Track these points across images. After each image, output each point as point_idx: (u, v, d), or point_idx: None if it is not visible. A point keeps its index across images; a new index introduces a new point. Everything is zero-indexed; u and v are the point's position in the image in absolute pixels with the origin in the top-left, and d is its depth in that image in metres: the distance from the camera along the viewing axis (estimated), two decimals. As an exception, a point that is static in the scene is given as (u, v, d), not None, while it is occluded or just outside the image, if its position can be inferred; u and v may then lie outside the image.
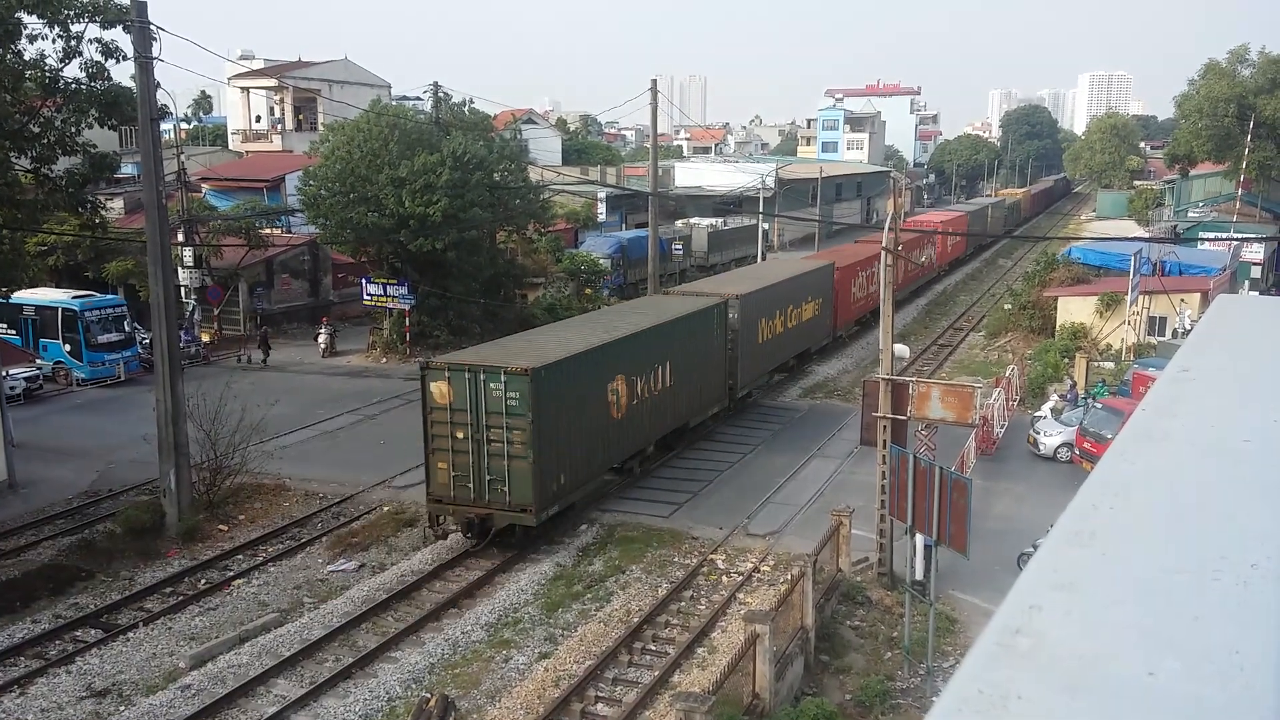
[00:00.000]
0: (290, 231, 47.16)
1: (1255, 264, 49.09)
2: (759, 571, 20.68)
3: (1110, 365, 35.32)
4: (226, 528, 23.35)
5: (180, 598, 19.87)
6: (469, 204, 37.18)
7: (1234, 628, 1.11)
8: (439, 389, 20.71)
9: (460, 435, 20.60)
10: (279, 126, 67.06)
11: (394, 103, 50.38)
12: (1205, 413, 1.91)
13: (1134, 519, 1.40)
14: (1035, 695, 0.97)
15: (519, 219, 42.46)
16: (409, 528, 23.26)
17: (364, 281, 39.49)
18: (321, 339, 39.94)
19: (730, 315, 29.56)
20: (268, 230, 44.70)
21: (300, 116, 67.25)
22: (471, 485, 20.72)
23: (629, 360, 23.75)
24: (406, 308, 38.80)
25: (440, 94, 42.48)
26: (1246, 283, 47.11)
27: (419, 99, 45.92)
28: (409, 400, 33.55)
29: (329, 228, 38.72)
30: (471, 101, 44.69)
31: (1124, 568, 1.25)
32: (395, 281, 38.48)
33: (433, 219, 36.01)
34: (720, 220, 65.11)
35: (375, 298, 39.12)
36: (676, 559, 21.34)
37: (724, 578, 20.60)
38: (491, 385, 20.25)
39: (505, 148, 42.28)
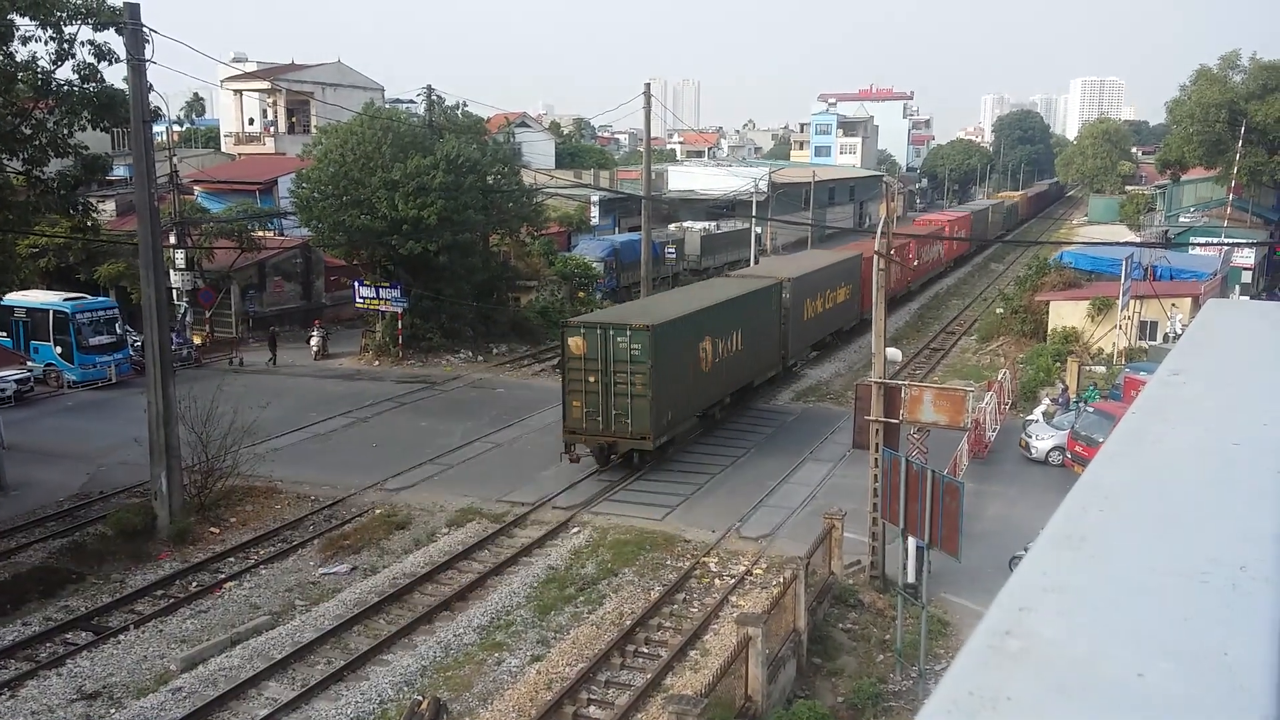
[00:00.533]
0: (283, 234, 47.08)
1: (1246, 269, 49.34)
2: (751, 574, 20.68)
3: (1102, 369, 35.42)
4: (218, 530, 23.29)
5: (171, 600, 19.81)
6: (462, 207, 37.15)
7: (1224, 629, 1.12)
8: (575, 342, 25.47)
9: (592, 379, 25.19)
10: (272, 129, 66.97)
11: (387, 105, 50.35)
12: (1195, 416, 1.92)
13: (1124, 522, 1.41)
14: (1025, 696, 0.98)
15: (512, 222, 42.44)
16: (401, 530, 23.23)
17: (356, 284, 39.44)
18: (314, 342, 39.83)
19: (784, 294, 34.29)
20: (260, 233, 44.61)
21: (293, 119, 67.17)
22: (600, 419, 25.28)
23: (714, 325, 28.45)
24: (399, 311, 38.75)
25: (434, 97, 42.47)
26: (1237, 287, 47.32)
27: (412, 102, 45.95)
28: (401, 403, 33.58)
29: (322, 230, 38.66)
30: (465, 105, 44.62)
31: (1114, 570, 1.25)
32: (388, 284, 38.43)
33: (426, 222, 35.98)
34: (713, 224, 65.16)
35: (368, 301, 39.07)
36: (669, 561, 21.34)
37: (716, 580, 20.61)
38: (618, 339, 25.04)
39: (499, 151, 42.26)
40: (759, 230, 67.53)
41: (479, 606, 19.34)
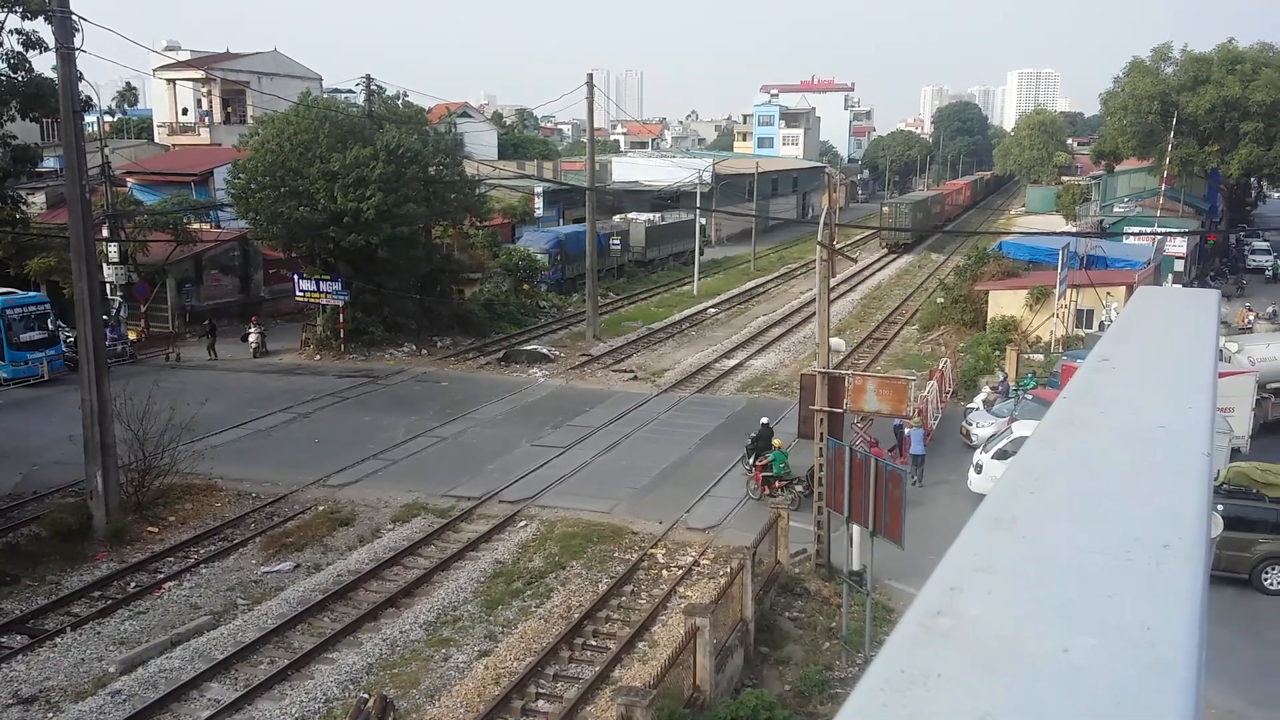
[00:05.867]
0: (220, 226, 46.19)
1: (1178, 257, 50.60)
2: (699, 565, 20.81)
3: (1040, 357, 36.12)
4: (156, 529, 22.84)
5: (109, 601, 19.40)
6: (403, 199, 36.77)
7: (1147, 605, 1.15)
8: None
9: None
10: (206, 119, 65.64)
11: (325, 95, 49.61)
12: (1123, 400, 1.97)
13: (1053, 503, 1.44)
14: (955, 674, 1.00)
15: (455, 213, 42.11)
16: (345, 527, 22.98)
17: (296, 277, 38.83)
18: (252, 339, 39.06)
19: None
20: (196, 225, 43.74)
21: (229, 109, 65.88)
22: None
23: None
24: (340, 304, 38.26)
25: (373, 87, 41.95)
26: (1170, 276, 48.51)
27: (351, 92, 45.28)
28: (344, 397, 33.20)
29: (259, 223, 37.99)
30: (405, 95, 44.16)
31: (1042, 549, 1.28)
32: (329, 277, 37.91)
33: (366, 214, 35.55)
34: (658, 215, 65.28)
35: (308, 294, 38.50)
36: (617, 554, 21.39)
37: (664, 572, 20.70)
38: None
39: (440, 141, 41.88)
40: (703, 221, 67.78)
41: (425, 603, 19.22)
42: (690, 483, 25.26)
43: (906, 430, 25.34)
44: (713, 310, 50.79)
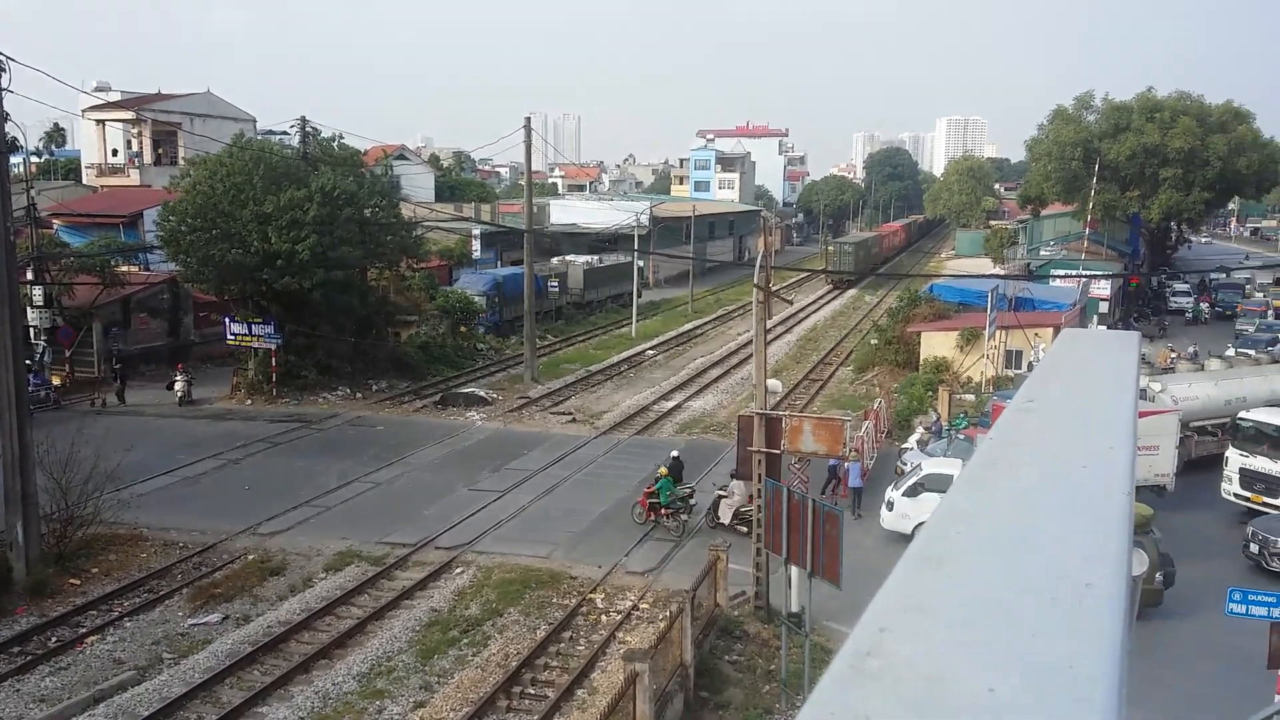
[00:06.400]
0: (149, 269, 45.31)
1: (1103, 299, 52.02)
2: (638, 609, 20.68)
3: (971, 397, 36.78)
4: (79, 581, 22.08)
5: (29, 657, 18.66)
6: (338, 241, 36.45)
7: (1070, 643, 1.17)
8: None
9: None
10: (137, 161, 64.60)
11: (259, 137, 49.18)
12: (1047, 441, 2.01)
13: (981, 543, 1.47)
14: (883, 716, 1.01)
15: (391, 256, 41.84)
16: (276, 576, 22.45)
17: (228, 320, 38.16)
18: (178, 387, 37.65)
19: None
20: (125, 268, 42.85)
21: (160, 150, 64.93)
22: None
23: None
24: (273, 347, 37.66)
25: (308, 128, 41.65)
26: (1095, 317, 49.81)
27: (286, 134, 44.93)
28: (275, 443, 32.58)
29: (190, 265, 37.32)
30: (341, 137, 43.84)
31: (970, 589, 1.31)
32: (261, 320, 37.33)
33: (300, 256, 35.16)
34: (596, 257, 65.56)
35: (240, 337, 37.84)
36: (555, 599, 21.17)
37: (603, 617, 20.53)
38: None
39: (376, 183, 41.66)
40: (642, 263, 68.19)
41: (359, 653, 18.82)
42: (629, 526, 25.14)
43: (845, 465, 25.72)
44: (651, 352, 50.97)
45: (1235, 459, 26.71)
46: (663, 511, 24.19)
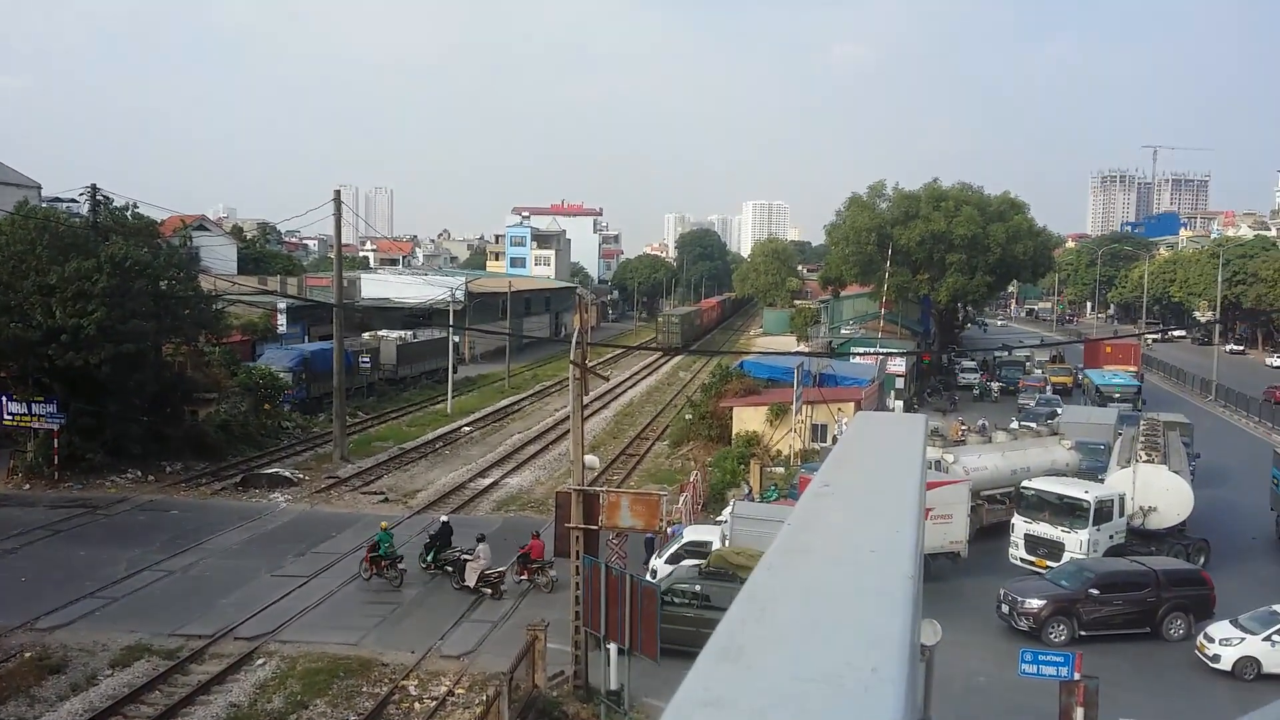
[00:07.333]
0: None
1: (899, 375, 54.98)
2: (454, 694, 20.07)
3: (781, 470, 37.95)
4: None
5: None
6: (129, 314, 34.48)
7: (857, 731, 1.24)
8: None
9: None
10: (-98, 226, 59.48)
11: (45, 205, 46.27)
12: (840, 526, 2.13)
13: (776, 632, 1.53)
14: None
15: (188, 330, 39.87)
16: (55, 674, 20.58)
17: (4, 399, 35.29)
18: None
19: None
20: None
21: (-70, 215, 60.08)
22: None
23: None
24: (55, 428, 35.03)
25: (99, 197, 39.47)
26: (893, 392, 52.52)
27: (74, 201, 42.39)
28: (56, 530, 30.19)
29: (-38, 339, 34.45)
30: (135, 205, 41.68)
31: (766, 680, 1.36)
32: (42, 399, 34.71)
33: (87, 330, 33.03)
34: (410, 333, 64.49)
35: (18, 417, 35.04)
36: (365, 688, 20.30)
37: (416, 704, 19.80)
38: None
39: (173, 255, 39.81)
40: (457, 339, 67.53)
41: (147, 756, 17.42)
42: (444, 607, 24.49)
43: (670, 528, 26.28)
44: (467, 428, 50.28)
45: (1020, 525, 28.51)
46: (384, 564, 26.07)
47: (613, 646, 18.20)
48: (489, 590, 25.24)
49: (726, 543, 24.64)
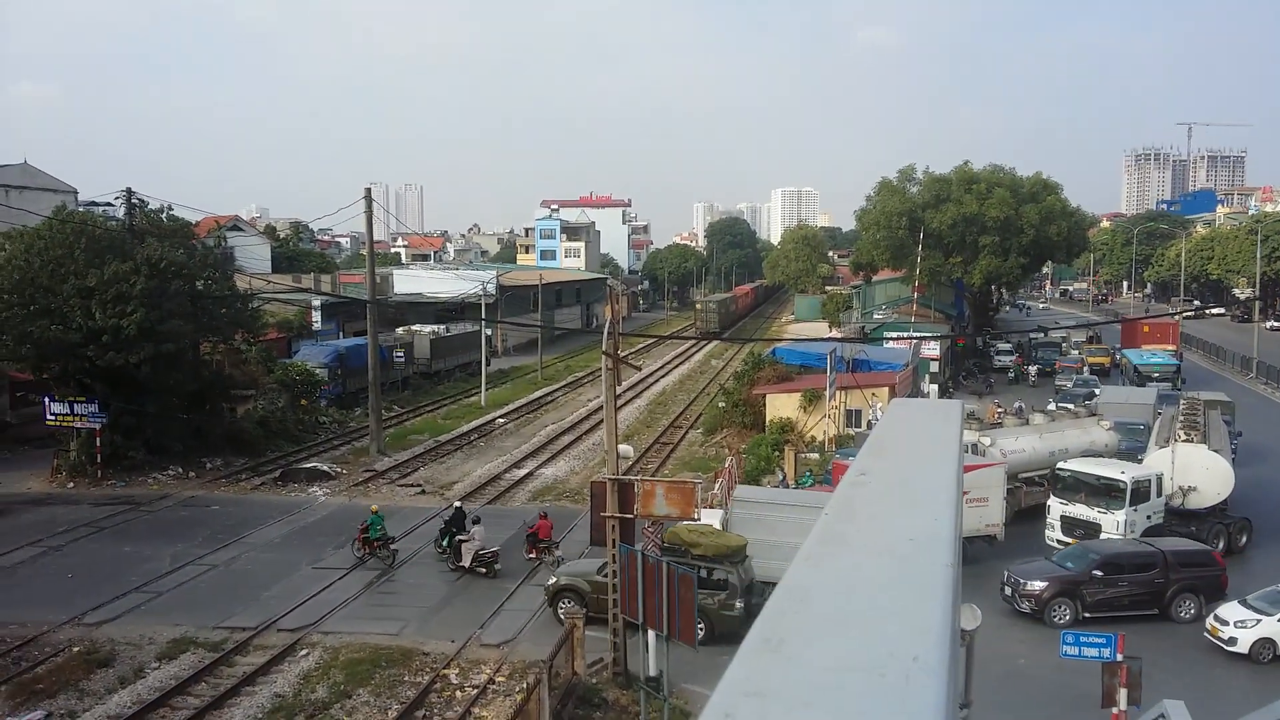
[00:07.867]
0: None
1: (934, 359, 54.57)
2: (494, 682, 20.24)
3: (815, 456, 37.87)
4: (-128, 691, 20.10)
5: None
6: (167, 314, 34.94)
7: (899, 718, 1.26)
8: None
9: None
10: (-55, 231, 60.53)
11: (82, 209, 46.91)
12: (877, 515, 2.14)
13: (816, 623, 1.55)
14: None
15: (225, 329, 40.34)
16: (104, 668, 20.97)
17: (47, 400, 35.91)
18: None
19: None
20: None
21: (-29, 221, 61.08)
22: None
23: None
24: (97, 427, 35.60)
25: (134, 200, 39.94)
26: (927, 376, 52.11)
27: (110, 205, 42.93)
28: (101, 527, 30.71)
29: (5, 344, 35.06)
30: (170, 208, 42.18)
31: (807, 671, 1.38)
32: (84, 399, 35.28)
33: (127, 332, 33.52)
34: (443, 327, 64.86)
35: (61, 417, 35.63)
36: (407, 677, 20.52)
37: (458, 692, 19.99)
38: None
39: (208, 255, 40.25)
40: (489, 332, 67.83)
41: (196, 748, 17.72)
42: (483, 597, 24.69)
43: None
44: (501, 420, 50.52)
45: (1056, 507, 28.27)
46: (375, 545, 26.98)
47: (651, 633, 18.27)
48: (483, 570, 26.13)
49: (727, 526, 24.95)
